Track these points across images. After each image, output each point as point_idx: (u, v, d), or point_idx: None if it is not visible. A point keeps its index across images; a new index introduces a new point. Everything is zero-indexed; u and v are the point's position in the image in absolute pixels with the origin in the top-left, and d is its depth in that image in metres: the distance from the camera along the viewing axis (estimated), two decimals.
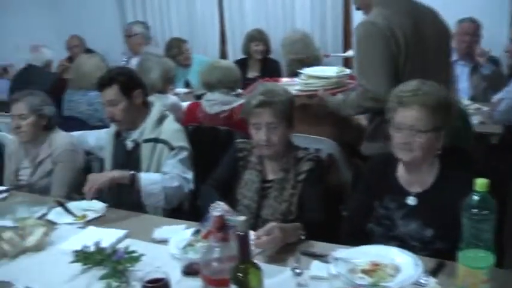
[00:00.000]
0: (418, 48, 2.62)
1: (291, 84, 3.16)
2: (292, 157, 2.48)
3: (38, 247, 2.25)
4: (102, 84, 2.91)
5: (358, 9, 2.92)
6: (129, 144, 2.96)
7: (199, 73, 3.96)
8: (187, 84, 5.55)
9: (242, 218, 1.51)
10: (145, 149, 2.89)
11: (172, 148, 2.85)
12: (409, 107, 2.05)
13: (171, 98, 3.95)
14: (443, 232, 2.03)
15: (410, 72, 2.57)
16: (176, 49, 5.66)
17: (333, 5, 5.86)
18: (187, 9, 6.67)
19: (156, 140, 2.88)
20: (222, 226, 1.59)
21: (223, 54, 6.61)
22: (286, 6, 6.11)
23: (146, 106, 2.97)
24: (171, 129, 2.93)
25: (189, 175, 2.85)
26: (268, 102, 2.40)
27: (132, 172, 2.70)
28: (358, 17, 5.38)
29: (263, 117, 2.40)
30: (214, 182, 2.60)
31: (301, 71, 3.21)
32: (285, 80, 3.59)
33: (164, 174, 2.80)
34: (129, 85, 2.91)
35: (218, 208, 2.14)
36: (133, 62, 5.26)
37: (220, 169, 2.65)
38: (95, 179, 2.60)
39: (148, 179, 2.71)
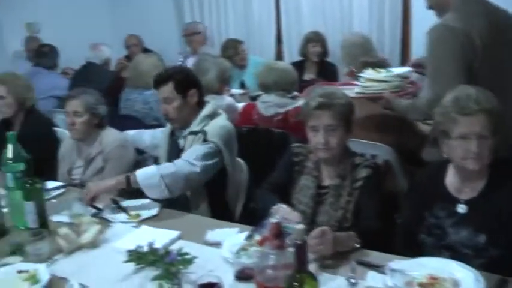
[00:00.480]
0: (494, 53, 2.52)
1: (349, 88, 3.11)
2: (349, 163, 2.43)
3: (93, 244, 2.28)
4: (159, 81, 2.92)
5: (430, 8, 2.80)
6: (181, 142, 2.97)
7: (256, 74, 3.95)
8: (242, 85, 5.55)
9: (300, 226, 1.47)
10: (189, 140, 2.89)
11: (205, 140, 2.82)
12: (475, 115, 1.98)
13: (227, 99, 3.94)
14: (497, 238, 1.99)
15: (483, 77, 2.47)
16: (232, 50, 5.66)
17: (392, 7, 5.73)
18: (244, 10, 6.67)
19: (198, 132, 2.86)
20: (279, 233, 1.55)
21: (279, 56, 6.58)
22: (344, 8, 6.02)
23: (201, 106, 2.96)
24: (218, 124, 2.90)
25: (198, 162, 2.72)
26: (327, 105, 2.35)
27: (126, 175, 2.66)
28: (418, 20, 5.37)
29: (322, 120, 2.36)
30: (270, 186, 2.56)
31: (361, 74, 3.15)
32: (342, 83, 3.54)
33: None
34: (185, 84, 2.92)
35: (279, 210, 2.10)
36: (190, 62, 5.30)
37: (276, 173, 2.61)
38: (92, 188, 2.60)
39: (144, 175, 2.65)
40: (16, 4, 6.39)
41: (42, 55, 5.61)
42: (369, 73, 3.13)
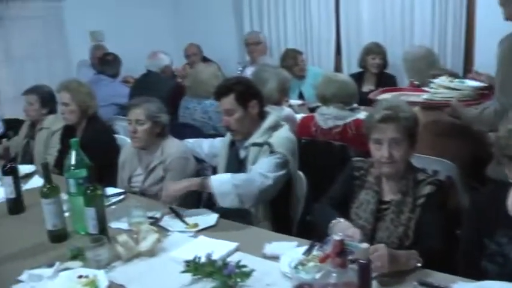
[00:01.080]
0: None
1: (416, 94, 3.04)
2: (411, 179, 2.36)
3: (151, 253, 2.28)
4: (220, 93, 2.93)
5: (506, 19, 2.71)
6: (242, 152, 2.96)
7: (315, 86, 3.91)
8: (300, 96, 5.51)
9: (365, 245, 1.43)
10: (252, 152, 2.88)
11: (272, 151, 2.80)
12: None
13: (286, 110, 3.92)
14: None
15: None
16: (291, 60, 5.63)
17: (455, 19, 5.60)
18: (303, 20, 6.65)
19: (262, 144, 2.85)
20: (341, 251, 1.51)
21: (338, 67, 6.52)
22: (405, 20, 5.92)
23: (262, 117, 2.94)
24: (282, 136, 2.88)
25: (271, 174, 2.72)
26: (392, 117, 2.30)
27: (202, 177, 2.73)
28: (482, 34, 5.21)
29: (386, 133, 2.30)
30: (329, 200, 2.52)
31: (433, 80, 3.07)
32: (409, 89, 3.46)
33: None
34: (246, 95, 2.91)
35: (338, 224, 2.05)
36: (248, 72, 5.30)
37: (335, 187, 2.56)
38: (170, 187, 2.70)
39: (218, 181, 2.68)
40: (81, 13, 6.56)
41: (106, 63, 5.74)
42: (441, 79, 3.06)
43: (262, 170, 2.72)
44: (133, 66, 6.20)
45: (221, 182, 2.67)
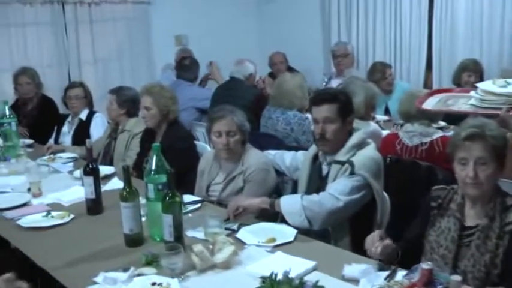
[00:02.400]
0: None
1: (465, 96, 2.91)
2: (498, 203, 2.24)
3: (226, 265, 2.29)
4: (324, 99, 2.90)
5: None
6: (325, 168, 2.93)
7: (399, 102, 3.84)
8: (387, 111, 5.41)
9: (456, 277, 1.37)
10: (334, 169, 2.84)
11: (353, 172, 2.74)
12: None
13: (372, 126, 3.86)
14: None
15: None
16: (379, 74, 5.54)
17: None
18: (394, 31, 6.55)
19: (344, 163, 2.80)
20: (430, 282, 1.45)
21: (427, 82, 6.36)
22: (505, 36, 5.69)
23: (350, 133, 2.91)
24: (366, 155, 2.82)
25: (344, 197, 2.68)
26: (479, 135, 2.20)
27: (273, 197, 2.72)
28: None
29: (472, 152, 2.21)
30: (406, 244, 2.41)
31: (477, 85, 2.93)
32: (461, 90, 3.35)
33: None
34: (348, 108, 2.92)
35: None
36: (334, 84, 5.28)
37: (412, 229, 2.48)
38: (239, 203, 2.70)
39: (287, 202, 2.68)
40: (167, 16, 6.74)
41: (184, 68, 5.86)
42: (486, 84, 2.90)
43: (336, 191, 2.69)
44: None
45: (290, 203, 2.67)
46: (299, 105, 4.37)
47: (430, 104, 3.13)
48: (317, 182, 2.91)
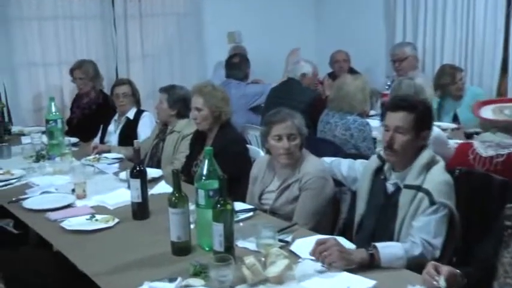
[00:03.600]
0: None
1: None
2: None
3: (279, 280, 2.26)
4: (400, 106, 2.82)
5: None
6: (390, 187, 2.85)
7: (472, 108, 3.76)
8: (455, 119, 5.29)
9: None
10: (405, 195, 2.75)
11: (433, 202, 2.66)
12: None
13: (436, 130, 3.76)
14: None
15: None
16: (449, 78, 5.40)
17: None
18: (466, 32, 6.40)
19: (418, 188, 2.71)
20: None
21: (502, 88, 6.19)
22: None
23: (421, 149, 2.83)
24: (438, 180, 2.72)
25: (438, 240, 2.61)
26: None
27: (370, 252, 2.43)
28: None
29: None
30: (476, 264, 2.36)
31: None
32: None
33: (412, 232, 2.64)
34: (426, 121, 2.84)
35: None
36: None
37: (485, 245, 2.40)
38: (342, 263, 2.39)
39: (390, 257, 2.46)
40: (220, 12, 6.78)
41: (233, 66, 5.88)
42: None
43: (429, 236, 2.60)
44: (269, 71, 6.31)
45: (392, 260, 2.45)
46: (360, 110, 4.32)
47: (486, 114, 3.07)
48: (381, 200, 2.85)
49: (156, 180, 3.64)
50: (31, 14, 5.79)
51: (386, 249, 2.46)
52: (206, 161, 2.55)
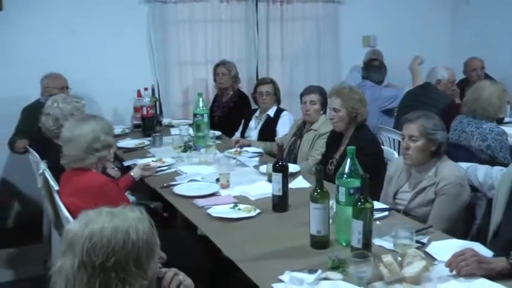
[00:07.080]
0: None
1: None
2: None
3: (415, 280, 2.19)
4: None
5: None
6: None
7: None
8: None
9: None
10: None
11: None
12: None
13: None
14: None
15: None
16: None
17: None
18: None
19: None
20: None
21: None
22: None
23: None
24: None
25: None
26: None
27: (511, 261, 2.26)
28: None
29: None
30: None
31: None
32: None
33: None
34: None
35: None
36: None
37: None
38: (475, 266, 2.23)
39: None
40: (356, 16, 6.68)
41: (373, 68, 5.80)
42: None
43: None
44: (401, 76, 6.14)
45: None
46: (493, 115, 4.10)
47: None
48: None
49: (293, 175, 3.64)
50: (184, 18, 5.99)
51: None
52: (348, 160, 2.54)
